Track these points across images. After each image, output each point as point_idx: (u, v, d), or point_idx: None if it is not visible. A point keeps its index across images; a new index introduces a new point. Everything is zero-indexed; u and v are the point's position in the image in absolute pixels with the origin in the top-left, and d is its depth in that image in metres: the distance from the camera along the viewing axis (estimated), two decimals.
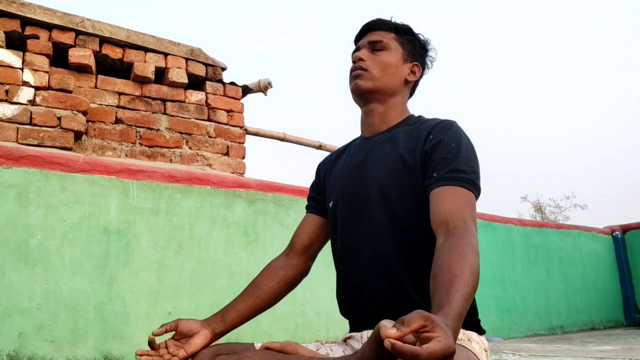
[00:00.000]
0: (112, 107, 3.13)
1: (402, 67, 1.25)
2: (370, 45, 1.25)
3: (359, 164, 1.23)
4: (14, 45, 2.91)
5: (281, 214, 2.97)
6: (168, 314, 2.43)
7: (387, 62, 1.23)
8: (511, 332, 4.25)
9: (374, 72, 1.22)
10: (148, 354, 1.12)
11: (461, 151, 1.09)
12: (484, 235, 4.17)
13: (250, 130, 3.66)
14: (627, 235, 5.46)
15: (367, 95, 1.23)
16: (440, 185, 1.06)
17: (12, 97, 2.74)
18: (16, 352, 2.04)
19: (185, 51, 3.43)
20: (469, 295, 0.85)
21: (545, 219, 19.59)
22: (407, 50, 1.26)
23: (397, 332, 0.66)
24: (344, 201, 1.23)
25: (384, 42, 1.24)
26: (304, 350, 1.08)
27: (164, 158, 3.22)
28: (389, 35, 1.25)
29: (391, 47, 1.24)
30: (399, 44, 1.25)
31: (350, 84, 1.25)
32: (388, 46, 1.24)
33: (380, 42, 1.24)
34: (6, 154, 2.21)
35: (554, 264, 4.82)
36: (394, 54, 1.24)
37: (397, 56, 1.24)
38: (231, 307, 1.23)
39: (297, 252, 1.32)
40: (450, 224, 0.99)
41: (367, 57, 1.23)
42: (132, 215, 2.44)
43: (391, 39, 1.25)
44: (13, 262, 2.11)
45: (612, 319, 5.21)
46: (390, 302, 1.11)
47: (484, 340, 1.11)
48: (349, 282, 1.20)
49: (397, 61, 1.24)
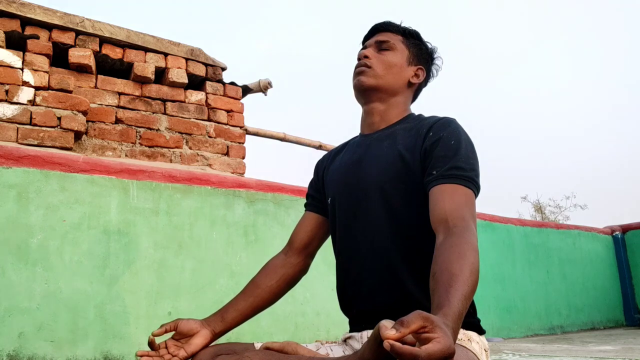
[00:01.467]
0: (112, 107, 3.13)
1: (406, 69, 1.26)
2: (377, 44, 1.27)
3: (357, 160, 1.23)
4: (14, 45, 2.91)
5: (281, 214, 2.97)
6: (168, 314, 2.43)
7: (392, 61, 1.24)
8: (511, 332, 4.25)
9: (377, 69, 1.23)
10: (148, 354, 1.12)
11: (461, 149, 1.09)
12: (484, 235, 4.17)
13: (250, 130, 3.66)
14: (627, 235, 5.46)
15: (369, 92, 1.24)
16: (440, 183, 1.06)
17: (12, 97, 2.74)
18: (16, 352, 2.04)
19: (185, 51, 3.43)
20: (469, 294, 0.85)
21: (545, 219, 19.59)
22: (412, 53, 1.27)
23: (396, 333, 0.66)
24: (342, 197, 1.23)
25: (390, 43, 1.26)
26: (304, 350, 1.08)
27: (164, 158, 3.22)
28: (397, 37, 1.27)
29: (397, 48, 1.26)
30: (405, 47, 1.27)
31: (354, 80, 1.26)
32: (394, 47, 1.25)
33: (386, 42, 1.26)
34: (6, 154, 2.21)
35: (554, 264, 4.82)
36: (399, 55, 1.25)
37: (402, 57, 1.26)
38: (231, 307, 1.24)
39: (296, 250, 1.32)
40: (450, 222, 0.99)
41: (372, 55, 1.25)
42: (132, 215, 2.44)
43: (398, 40, 1.27)
44: (13, 262, 2.11)
45: (612, 319, 5.21)
46: (389, 297, 1.11)
47: (484, 340, 1.11)
48: (348, 277, 1.20)
49: (401, 62, 1.25)
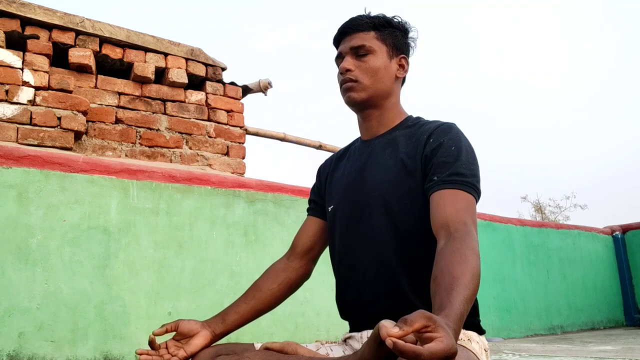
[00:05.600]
0: (112, 107, 3.13)
1: (390, 66, 1.21)
2: (353, 51, 1.19)
3: (360, 168, 1.22)
4: (14, 45, 2.91)
5: (281, 214, 2.97)
6: (168, 314, 2.43)
7: (375, 66, 1.18)
8: (511, 332, 4.25)
9: (364, 81, 1.18)
10: (148, 353, 1.12)
11: (461, 154, 1.09)
12: (484, 235, 4.17)
13: (250, 130, 3.66)
14: (627, 235, 5.46)
15: (362, 104, 1.21)
16: (441, 189, 1.05)
17: (12, 97, 2.74)
18: (16, 352, 2.04)
19: (185, 51, 3.43)
20: (470, 297, 0.85)
21: (545, 219, 19.59)
22: (390, 45, 1.21)
23: (399, 331, 0.66)
24: (344, 206, 1.22)
25: (367, 46, 1.18)
26: (304, 350, 1.08)
27: (164, 158, 3.22)
28: (369, 35, 1.20)
29: (375, 48, 1.19)
30: (381, 42, 1.20)
31: (344, 97, 1.21)
32: (372, 49, 1.18)
33: (363, 47, 1.18)
34: (6, 154, 2.21)
35: (554, 264, 4.82)
36: (379, 56, 1.19)
37: (383, 56, 1.20)
38: (232, 309, 1.24)
39: (299, 255, 1.32)
40: (451, 227, 0.99)
41: (353, 66, 1.18)
42: (132, 215, 2.44)
43: (372, 38, 1.19)
44: (13, 262, 2.11)
45: (612, 319, 5.21)
46: (390, 305, 1.11)
47: (484, 340, 1.11)
48: (349, 286, 1.19)
49: (384, 62, 1.20)
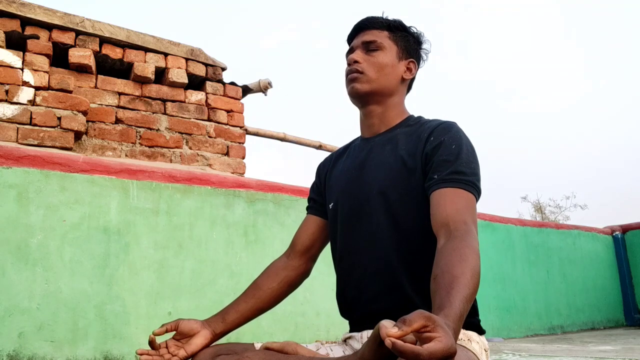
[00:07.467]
0: (112, 107, 3.13)
1: (397, 66, 1.22)
2: (364, 45, 1.22)
3: (359, 165, 1.22)
4: (14, 45, 2.91)
5: (281, 214, 2.97)
6: (168, 314, 2.43)
7: (383, 62, 1.20)
8: (511, 332, 4.25)
9: (370, 74, 1.20)
10: (148, 353, 1.12)
11: (462, 153, 1.09)
12: (484, 235, 4.17)
13: (250, 130, 3.66)
14: (627, 235, 5.46)
15: (364, 97, 1.22)
16: (441, 187, 1.05)
17: (12, 97, 2.74)
18: (16, 352, 2.04)
19: (185, 51, 3.43)
20: (470, 297, 0.85)
21: (545, 219, 19.59)
22: (401, 47, 1.23)
23: (398, 331, 0.66)
24: (344, 203, 1.22)
25: (378, 42, 1.21)
26: (304, 350, 1.08)
27: (164, 158, 3.22)
28: (382, 33, 1.22)
29: (385, 46, 1.21)
30: (393, 42, 1.23)
31: (347, 87, 1.23)
32: (382, 46, 1.21)
33: (374, 42, 1.21)
34: (6, 154, 2.21)
35: (554, 264, 4.82)
36: (388, 53, 1.21)
37: (392, 55, 1.22)
38: (232, 308, 1.24)
39: (298, 253, 1.32)
40: (451, 226, 0.99)
41: (362, 59, 1.21)
42: (132, 215, 2.44)
43: (385, 37, 1.22)
44: (13, 262, 2.11)
45: (612, 319, 5.21)
46: (390, 303, 1.11)
47: (484, 340, 1.11)
48: (349, 284, 1.19)
49: (392, 60, 1.22)
